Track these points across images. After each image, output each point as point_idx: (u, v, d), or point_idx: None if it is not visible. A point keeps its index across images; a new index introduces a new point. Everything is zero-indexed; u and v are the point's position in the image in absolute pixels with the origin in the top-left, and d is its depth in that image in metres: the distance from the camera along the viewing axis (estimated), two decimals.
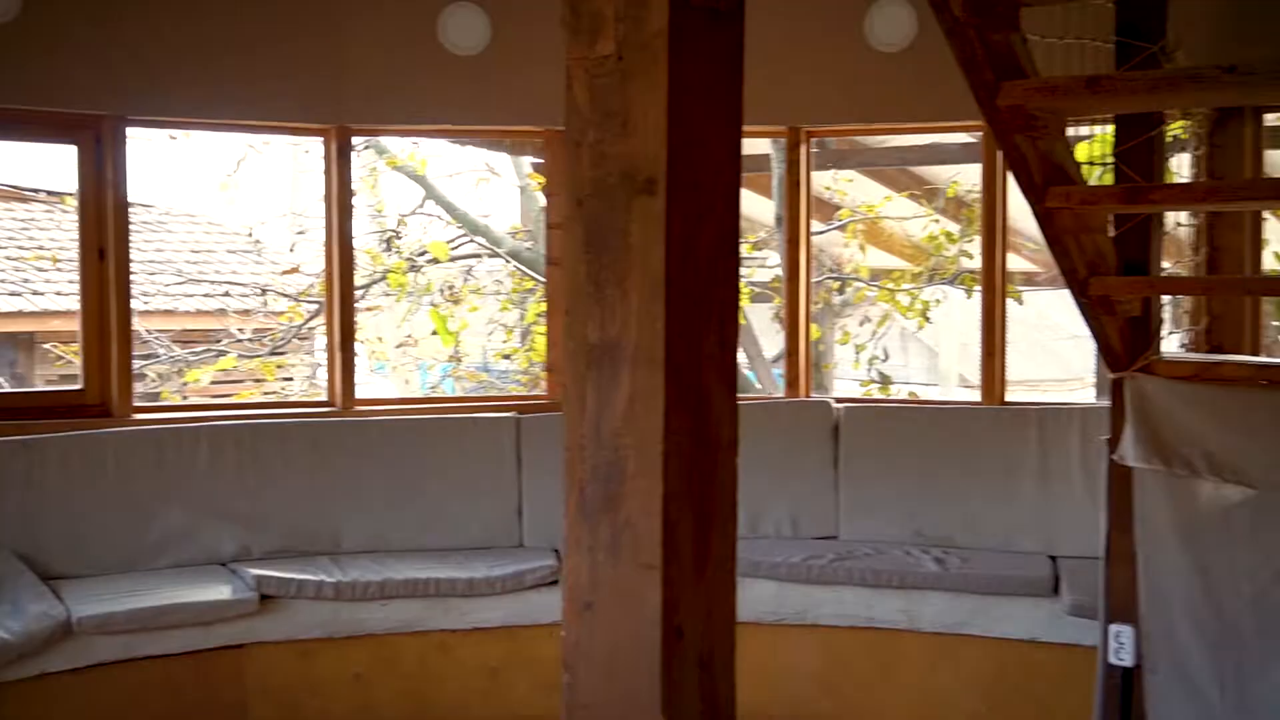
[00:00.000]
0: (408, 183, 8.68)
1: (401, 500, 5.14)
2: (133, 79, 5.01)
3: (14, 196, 15.70)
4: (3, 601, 4.15)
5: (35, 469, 4.66)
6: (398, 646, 4.68)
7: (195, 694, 4.41)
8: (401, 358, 9.63)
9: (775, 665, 4.83)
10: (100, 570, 4.63)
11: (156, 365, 8.64)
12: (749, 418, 5.32)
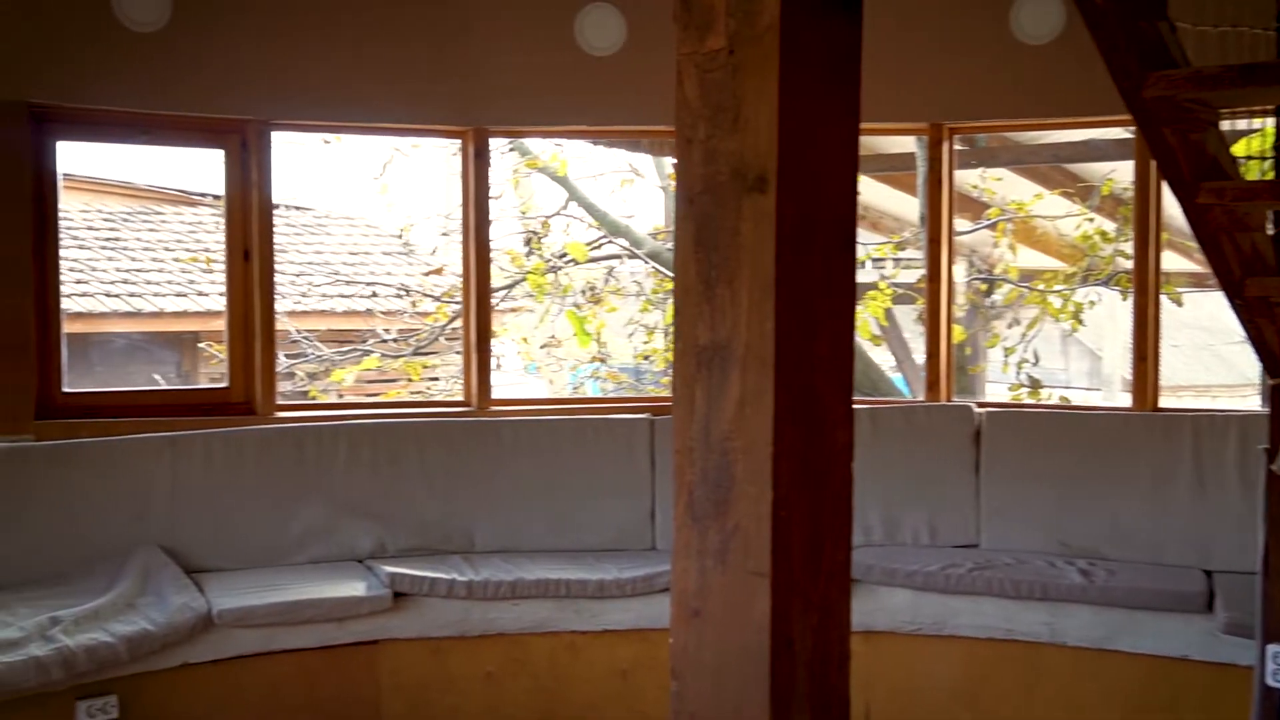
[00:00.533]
0: (552, 184, 8.74)
1: (535, 500, 5.15)
2: (276, 84, 5.12)
3: (183, 200, 16.30)
4: (147, 593, 4.27)
5: (182, 465, 4.78)
6: (528, 646, 4.69)
7: (330, 688, 4.48)
8: (546, 358, 9.70)
9: (912, 677, 4.71)
10: (241, 564, 4.73)
11: (305, 365, 8.85)
12: (886, 422, 5.25)
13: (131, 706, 4.06)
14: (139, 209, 15.84)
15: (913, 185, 7.97)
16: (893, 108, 5.44)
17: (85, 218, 14.64)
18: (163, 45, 4.87)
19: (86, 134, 5.09)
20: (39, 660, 3.75)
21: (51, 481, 4.57)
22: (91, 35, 4.78)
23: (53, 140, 4.85)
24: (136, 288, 13.28)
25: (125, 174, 16.50)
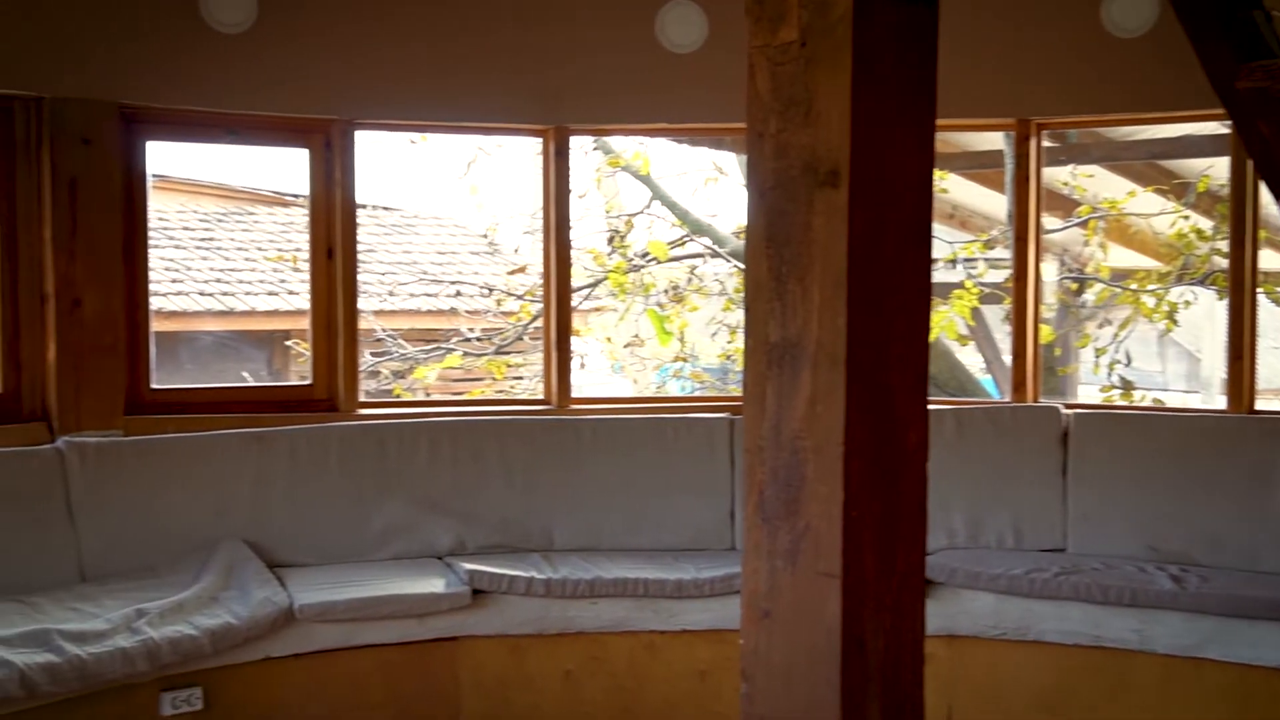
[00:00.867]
0: (636, 183, 8.73)
1: (614, 499, 5.14)
2: (359, 84, 5.17)
3: (275, 201, 16.56)
4: (231, 587, 4.33)
5: (266, 461, 4.84)
6: (607, 645, 4.67)
7: (410, 684, 4.50)
8: (629, 358, 9.70)
9: (995, 682, 4.63)
10: (323, 560, 4.78)
11: (390, 363, 8.94)
12: (970, 423, 5.16)
13: (215, 698, 4.11)
14: (233, 209, 16.13)
15: (1002, 183, 7.85)
16: (978, 103, 5.35)
17: (181, 218, 14.94)
18: (249, 46, 4.94)
19: (174, 134, 5.17)
20: (125, 651, 3.81)
21: (139, 476, 4.65)
22: (179, 37, 4.85)
23: (142, 140, 4.93)
24: (229, 287, 13.53)
25: (220, 175, 16.81)
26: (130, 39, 4.80)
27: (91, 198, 4.76)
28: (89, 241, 4.76)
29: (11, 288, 4.75)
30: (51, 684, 3.64)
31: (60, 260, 4.72)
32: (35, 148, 4.73)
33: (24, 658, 3.63)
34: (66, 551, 4.43)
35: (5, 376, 4.76)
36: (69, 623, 3.90)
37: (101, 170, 4.77)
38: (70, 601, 4.13)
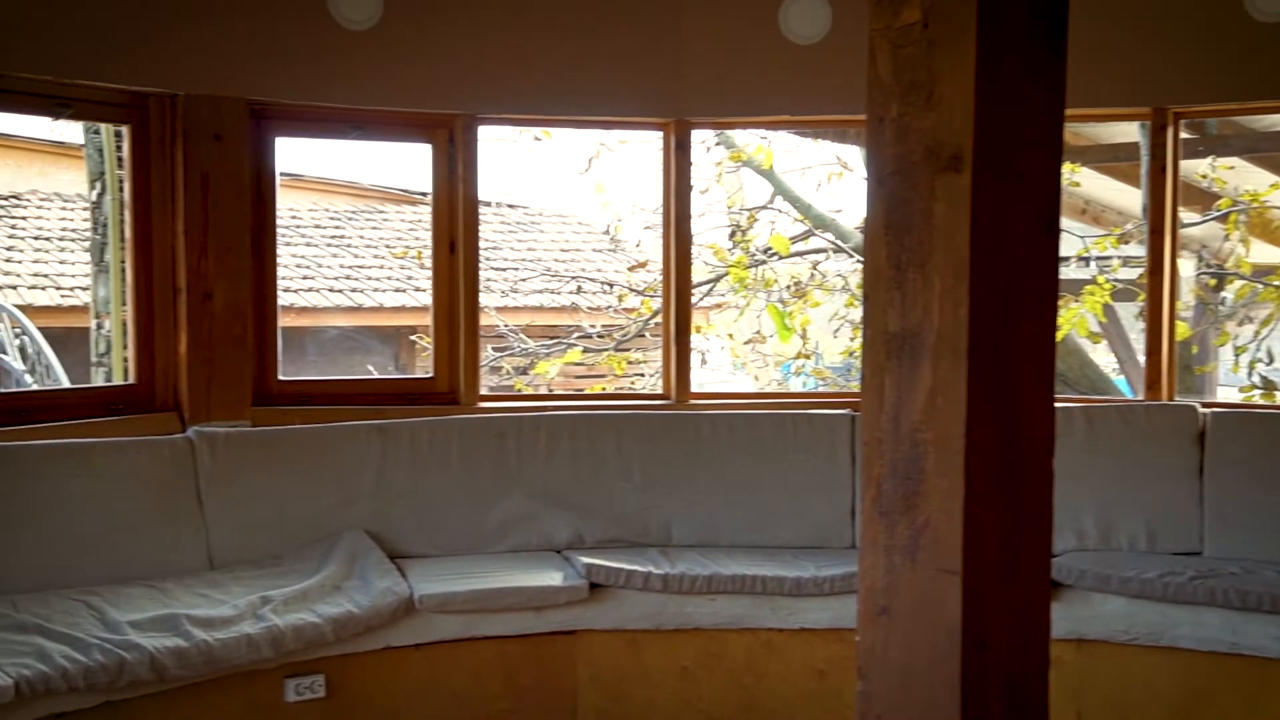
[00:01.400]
0: (759, 178, 8.67)
1: (733, 495, 5.10)
2: (482, 79, 5.20)
3: (404, 199, 16.85)
4: (353, 576, 4.39)
5: (389, 452, 4.90)
6: (725, 642, 4.63)
7: (529, 676, 4.51)
8: (750, 355, 9.64)
9: (1126, 689, 4.48)
10: (442, 551, 4.82)
11: (511, 358, 9.01)
12: (1102, 421, 5.02)
13: (337, 686, 4.17)
14: (363, 208, 16.46)
15: (1137, 176, 7.62)
16: (1111, 91, 5.19)
17: (313, 216, 15.29)
18: (375, 42, 5.00)
19: (302, 130, 5.25)
20: (250, 638, 3.88)
21: (266, 466, 4.74)
22: (308, 34, 4.94)
23: (271, 136, 5.03)
24: (358, 283, 13.79)
25: (350, 174, 17.16)
26: (260, 36, 4.90)
27: (222, 192, 4.87)
28: (220, 235, 4.87)
29: (146, 281, 4.88)
30: (180, 668, 3.72)
31: (192, 254, 4.83)
32: (169, 144, 4.85)
33: (154, 641, 3.71)
34: (196, 539, 4.53)
35: (139, 368, 4.90)
36: (197, 608, 3.99)
37: (232, 165, 4.88)
38: (199, 588, 4.23)
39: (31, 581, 4.07)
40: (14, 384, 8.18)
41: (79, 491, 4.32)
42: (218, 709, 3.93)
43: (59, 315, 11.41)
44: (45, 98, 4.61)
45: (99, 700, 3.64)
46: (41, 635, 3.66)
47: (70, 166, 14.33)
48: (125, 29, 4.67)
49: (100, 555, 4.28)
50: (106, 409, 4.78)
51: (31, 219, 13.38)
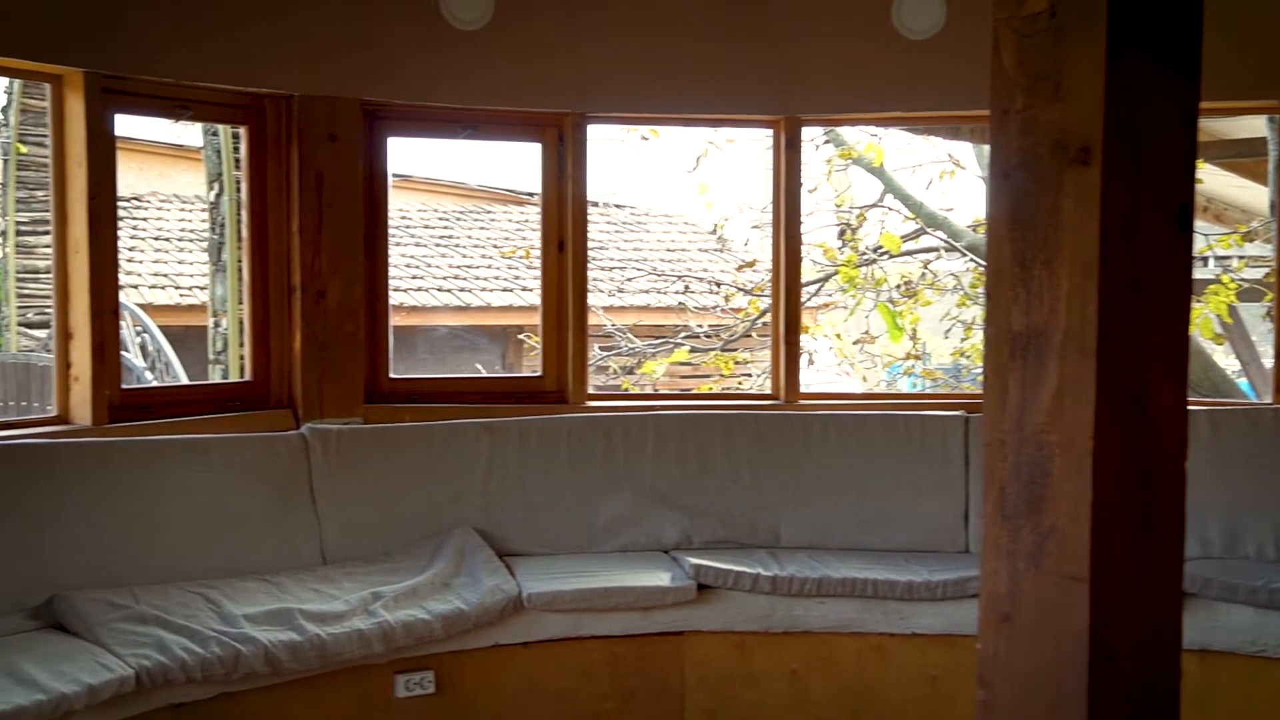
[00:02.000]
0: (869, 176, 8.58)
1: (842, 497, 5.03)
2: (592, 77, 5.20)
3: (511, 200, 17.00)
4: (462, 574, 4.41)
5: (497, 451, 4.91)
6: (834, 646, 4.57)
7: (636, 677, 4.50)
8: (859, 355, 9.54)
9: (1253, 703, 4.33)
10: (551, 550, 4.82)
11: (618, 358, 9.01)
12: (1228, 425, 4.86)
13: (446, 683, 4.19)
14: (471, 208, 16.63)
15: (1263, 173, 7.38)
16: (1238, 83, 5.02)
17: (422, 216, 15.49)
18: (485, 42, 5.03)
19: (413, 130, 5.30)
20: (362, 633, 3.92)
21: (377, 463, 4.78)
22: (420, 35, 4.98)
23: (384, 136, 5.09)
24: (465, 283, 13.94)
25: (458, 174, 17.35)
26: (373, 37, 4.95)
27: (336, 192, 4.93)
28: (334, 234, 4.93)
29: (262, 279, 4.96)
30: (293, 661, 3.77)
31: (307, 253, 4.90)
32: (285, 144, 4.92)
33: (269, 635, 3.77)
34: (309, 534, 4.59)
35: (255, 365, 4.98)
36: (310, 603, 4.03)
37: (346, 165, 4.94)
38: (312, 582, 4.28)
39: (151, 573, 4.15)
40: (135, 381, 8.40)
41: (197, 486, 4.40)
42: (330, 703, 3.98)
43: (177, 314, 11.70)
44: (166, 100, 4.72)
45: (215, 692, 3.70)
46: (161, 627, 3.73)
47: (189, 168, 14.71)
48: (242, 32, 4.75)
49: (217, 549, 4.35)
50: (224, 405, 4.87)
51: (152, 220, 13.74)
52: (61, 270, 4.49)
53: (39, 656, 3.49)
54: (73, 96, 4.43)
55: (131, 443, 4.35)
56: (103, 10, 4.44)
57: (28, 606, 3.85)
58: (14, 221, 11.98)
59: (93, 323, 4.45)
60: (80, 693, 3.32)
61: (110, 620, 3.74)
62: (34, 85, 11.44)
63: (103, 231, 4.47)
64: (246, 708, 3.78)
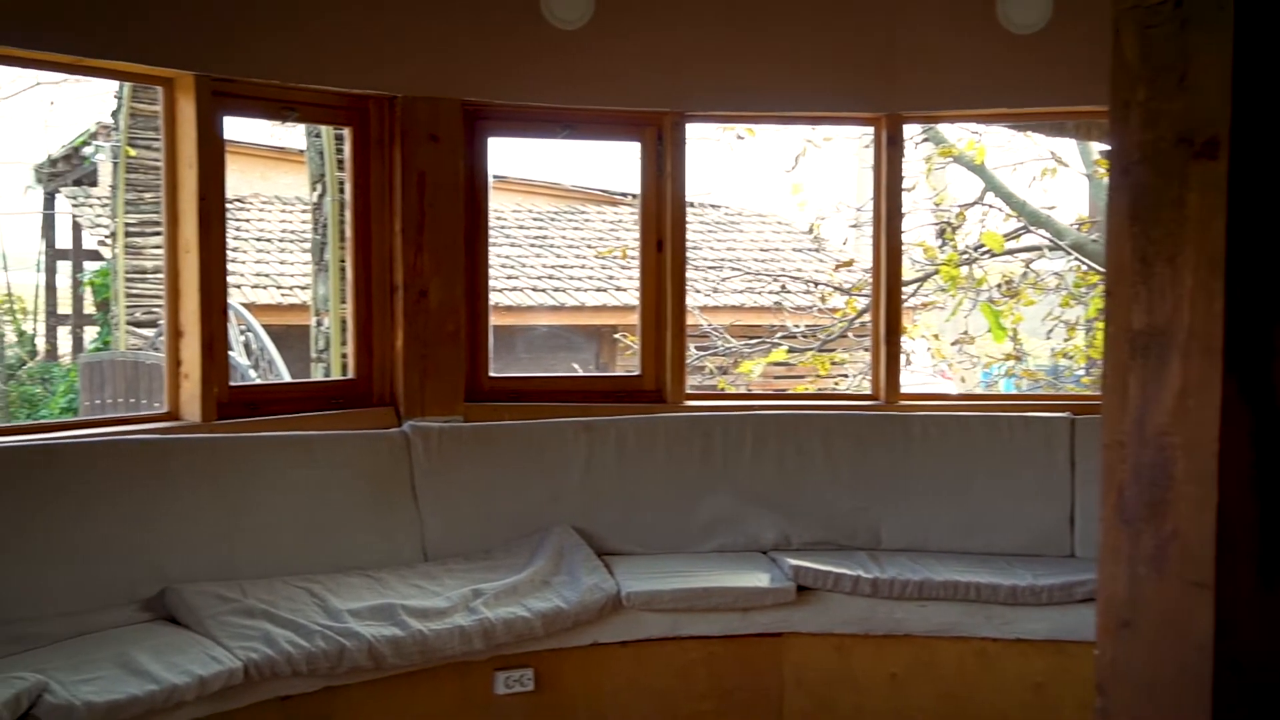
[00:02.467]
0: (967, 174, 8.46)
1: (944, 499, 4.96)
2: (691, 76, 5.19)
3: (605, 200, 17.06)
4: (561, 572, 4.42)
5: (595, 449, 4.92)
6: (936, 650, 4.51)
7: (734, 677, 4.48)
8: (958, 355, 9.41)
9: None
10: (649, 549, 4.81)
11: (715, 357, 8.99)
12: None
13: (545, 680, 4.21)
14: (565, 208, 16.72)
15: None
16: None
17: (517, 217, 15.60)
18: (585, 41, 5.04)
19: (513, 130, 5.33)
20: (463, 630, 3.95)
21: (477, 461, 4.81)
22: (520, 35, 5.01)
23: (484, 136, 5.12)
24: (560, 282, 14.01)
25: (553, 175, 17.46)
26: (475, 38, 4.99)
27: (437, 192, 4.98)
28: (435, 234, 4.98)
29: (365, 278, 5.02)
30: (396, 657, 3.81)
31: (409, 252, 4.95)
32: (388, 145, 4.98)
33: (372, 630, 3.81)
34: (410, 531, 4.64)
35: (358, 363, 5.04)
36: (413, 599, 4.07)
37: (448, 165, 4.98)
38: (414, 579, 4.32)
39: (258, 568, 4.22)
40: (239, 378, 8.56)
41: (302, 482, 4.46)
42: (431, 698, 4.01)
43: (279, 313, 11.91)
44: (272, 102, 4.79)
45: (320, 685, 3.75)
46: (268, 620, 3.79)
47: (289, 170, 14.97)
48: (346, 34, 4.82)
49: (321, 544, 4.41)
50: (327, 403, 4.94)
51: (254, 221, 14.01)
52: (173, 270, 4.58)
53: (151, 648, 3.57)
54: (184, 99, 4.52)
55: (239, 439, 4.42)
56: (212, 15, 4.52)
57: (140, 598, 3.94)
58: (123, 223, 12.28)
59: (202, 321, 4.54)
60: (191, 684, 3.38)
61: (219, 613, 3.81)
62: (143, 89, 11.74)
63: (212, 231, 4.56)
64: (350, 701, 3.83)
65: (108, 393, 11.06)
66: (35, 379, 15.90)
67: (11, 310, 17.31)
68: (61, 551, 3.85)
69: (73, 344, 16.67)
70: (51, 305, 17.26)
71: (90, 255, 16.06)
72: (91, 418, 5.24)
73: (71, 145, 16.21)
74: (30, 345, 17.19)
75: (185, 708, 3.41)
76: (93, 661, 3.45)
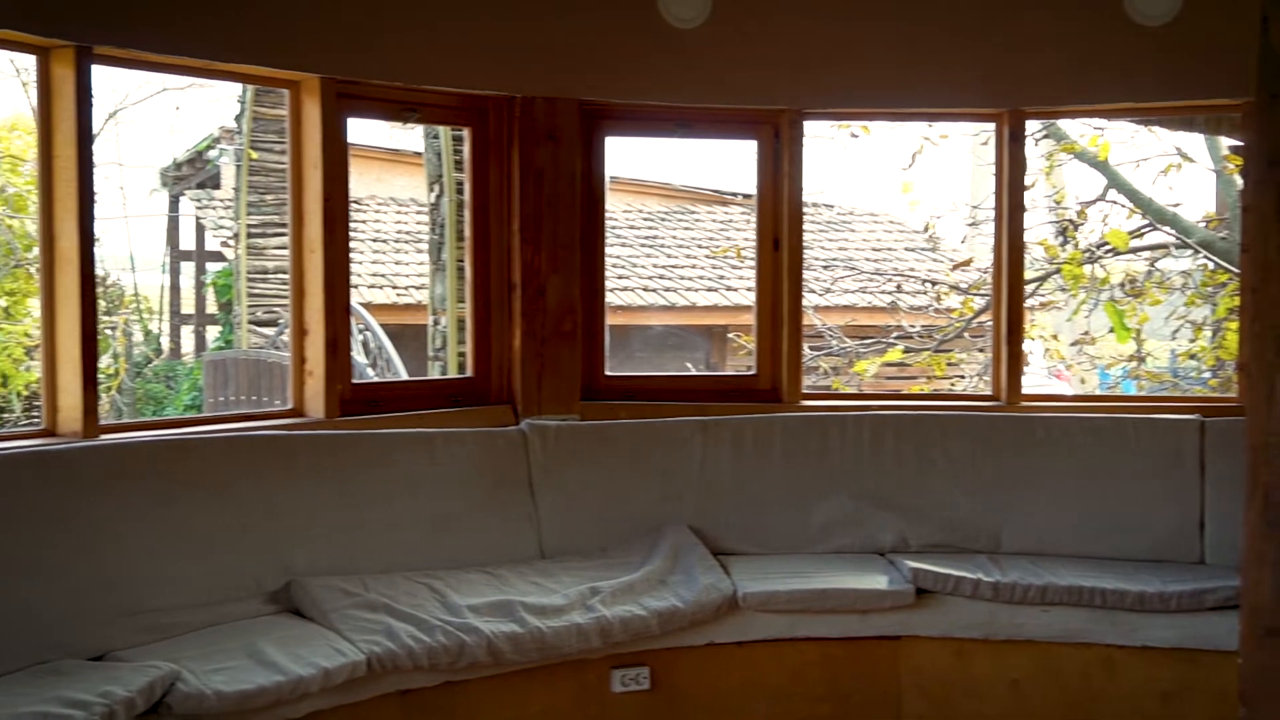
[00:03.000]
0: (1088, 171, 8.28)
1: (1066, 502, 4.85)
2: (808, 73, 5.15)
3: (715, 200, 17.05)
4: (677, 571, 4.42)
5: (710, 448, 4.90)
6: (1058, 656, 4.41)
7: (851, 680, 4.43)
8: (1077, 356, 9.22)
9: None
10: (765, 549, 4.78)
11: (829, 357, 8.92)
12: None
13: (661, 679, 4.21)
14: (675, 209, 16.74)
15: None
16: None
17: (627, 217, 15.66)
18: (702, 40, 5.03)
19: (629, 129, 5.34)
20: (580, 627, 3.96)
21: (594, 459, 4.83)
22: (638, 33, 5.01)
23: (601, 136, 5.14)
24: (671, 282, 14.03)
25: (663, 175, 17.48)
26: (593, 38, 5.01)
27: (555, 191, 5.01)
28: (552, 233, 5.01)
29: (483, 277, 5.07)
30: (514, 653, 3.84)
31: (527, 251, 4.99)
32: (506, 145, 5.03)
33: (491, 626, 3.84)
34: (528, 528, 4.67)
35: (476, 361, 5.10)
36: (530, 596, 4.10)
37: (565, 164, 5.01)
38: (531, 576, 4.35)
39: (379, 562, 4.28)
40: (357, 377, 8.71)
41: (422, 479, 4.51)
42: (548, 695, 4.04)
43: (394, 312, 12.10)
44: (394, 103, 4.87)
45: (440, 680, 3.79)
46: (390, 615, 3.84)
47: (404, 172, 15.19)
48: (467, 36, 4.87)
49: (440, 540, 4.46)
50: (446, 400, 5.00)
51: (370, 222, 14.24)
52: (297, 269, 4.67)
53: (278, 639, 3.65)
54: (309, 101, 4.60)
55: (362, 435, 4.49)
56: (337, 18, 4.60)
57: (266, 591, 4.03)
58: (245, 224, 12.57)
59: (326, 319, 4.62)
60: (316, 675, 3.44)
61: (343, 607, 3.87)
62: (265, 93, 12.00)
63: (336, 231, 4.64)
64: (469, 696, 3.87)
65: (230, 390, 11.34)
66: (160, 377, 16.37)
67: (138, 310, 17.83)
68: (192, 544, 3.94)
69: (195, 343, 17.12)
70: (175, 305, 17.75)
71: (213, 256, 16.47)
72: (219, 414, 5.37)
73: (196, 149, 16.66)
74: (156, 344, 17.70)
75: (310, 699, 3.47)
76: (222, 651, 3.54)
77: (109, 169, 15.65)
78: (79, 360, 4.05)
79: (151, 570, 3.81)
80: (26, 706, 3.07)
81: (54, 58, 4.04)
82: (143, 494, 3.90)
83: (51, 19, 3.95)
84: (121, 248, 17.02)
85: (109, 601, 3.66)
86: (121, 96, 18.14)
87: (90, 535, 3.72)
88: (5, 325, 17.00)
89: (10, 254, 16.93)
